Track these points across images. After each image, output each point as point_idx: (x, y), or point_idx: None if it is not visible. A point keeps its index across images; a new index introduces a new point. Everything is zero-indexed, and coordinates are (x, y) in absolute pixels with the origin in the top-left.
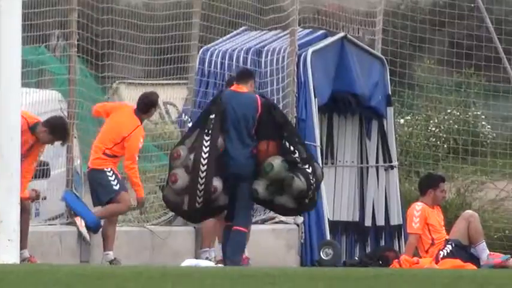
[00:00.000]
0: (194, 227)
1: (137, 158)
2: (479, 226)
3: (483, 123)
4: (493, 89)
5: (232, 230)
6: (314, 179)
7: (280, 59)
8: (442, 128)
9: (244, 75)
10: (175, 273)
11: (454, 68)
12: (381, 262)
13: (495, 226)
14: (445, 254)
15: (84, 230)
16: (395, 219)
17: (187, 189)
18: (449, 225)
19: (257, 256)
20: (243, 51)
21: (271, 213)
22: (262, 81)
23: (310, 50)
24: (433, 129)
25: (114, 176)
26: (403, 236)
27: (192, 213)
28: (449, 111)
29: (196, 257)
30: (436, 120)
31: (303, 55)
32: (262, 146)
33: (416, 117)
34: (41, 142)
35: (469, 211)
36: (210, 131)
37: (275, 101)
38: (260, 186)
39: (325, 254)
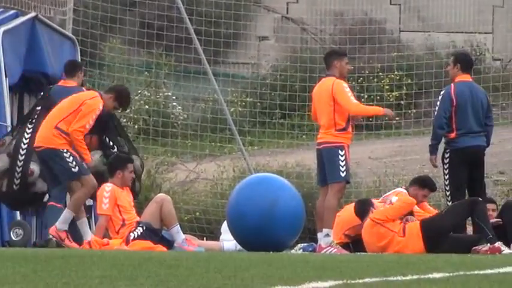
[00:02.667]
0: None
1: None
2: (172, 209)
3: (174, 104)
4: (183, 70)
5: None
6: (138, 172)
7: None
8: (133, 108)
9: (71, 69)
10: None
11: (145, 48)
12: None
13: (185, 208)
14: (136, 235)
15: None
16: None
17: (6, 171)
18: (139, 206)
19: None
20: None
21: None
22: None
23: (1, 29)
24: None
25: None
26: (93, 217)
27: (10, 196)
28: (139, 91)
29: None
30: None
31: None
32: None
33: None
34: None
35: (162, 194)
36: (33, 120)
37: None
38: None
39: (15, 235)
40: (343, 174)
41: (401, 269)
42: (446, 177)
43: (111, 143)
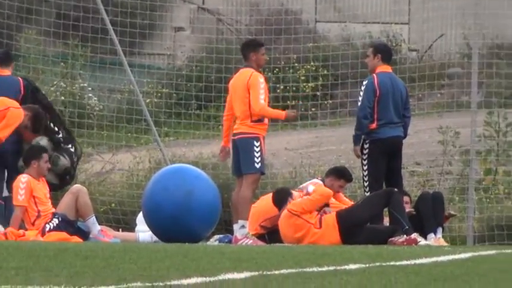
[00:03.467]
0: None
1: None
2: (88, 200)
3: (90, 95)
4: (99, 61)
5: None
6: (76, 157)
7: None
8: (48, 99)
9: (6, 58)
10: None
11: (61, 39)
12: None
13: (101, 199)
14: (52, 227)
15: None
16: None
17: None
18: (55, 197)
19: None
20: None
21: None
22: None
23: None
24: None
25: None
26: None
27: None
28: (55, 82)
29: None
30: (44, 92)
31: None
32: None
33: None
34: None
35: (78, 185)
36: None
37: None
38: None
39: None
40: (258, 166)
41: (317, 260)
42: (365, 167)
43: (56, 128)
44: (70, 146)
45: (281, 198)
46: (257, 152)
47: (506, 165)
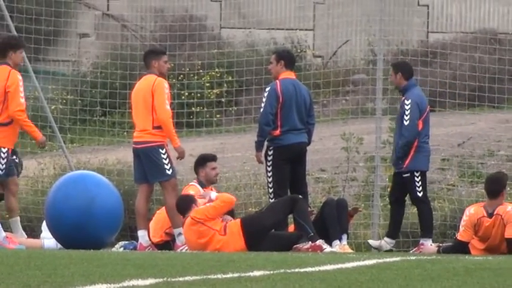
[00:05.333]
0: None
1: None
2: None
3: None
4: None
5: None
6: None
7: None
8: None
9: None
10: None
11: None
12: None
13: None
14: None
15: None
16: None
17: None
18: None
19: None
20: None
21: None
22: None
23: None
24: None
25: None
26: None
27: None
28: None
29: None
30: None
31: None
32: None
33: None
34: None
35: None
36: None
37: None
38: None
39: None
40: (170, 172)
41: (222, 267)
42: (270, 174)
43: None
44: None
45: (185, 205)
46: (165, 159)
47: None
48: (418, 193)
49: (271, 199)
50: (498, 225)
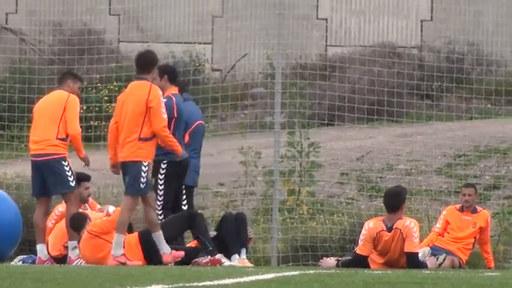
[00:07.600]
0: None
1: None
2: None
3: None
4: None
5: None
6: None
7: None
8: None
9: None
10: None
11: None
12: None
13: None
14: None
15: None
16: None
17: None
18: None
19: None
20: None
21: None
22: None
23: None
24: None
25: None
26: None
27: None
28: None
29: None
30: None
31: None
32: None
33: None
34: None
35: None
36: None
37: None
38: None
39: None
40: (73, 184)
41: (121, 280)
42: (161, 187)
43: None
44: None
45: (79, 222)
46: (68, 171)
47: (310, 185)
48: (183, 206)
49: (159, 212)
50: (397, 239)
